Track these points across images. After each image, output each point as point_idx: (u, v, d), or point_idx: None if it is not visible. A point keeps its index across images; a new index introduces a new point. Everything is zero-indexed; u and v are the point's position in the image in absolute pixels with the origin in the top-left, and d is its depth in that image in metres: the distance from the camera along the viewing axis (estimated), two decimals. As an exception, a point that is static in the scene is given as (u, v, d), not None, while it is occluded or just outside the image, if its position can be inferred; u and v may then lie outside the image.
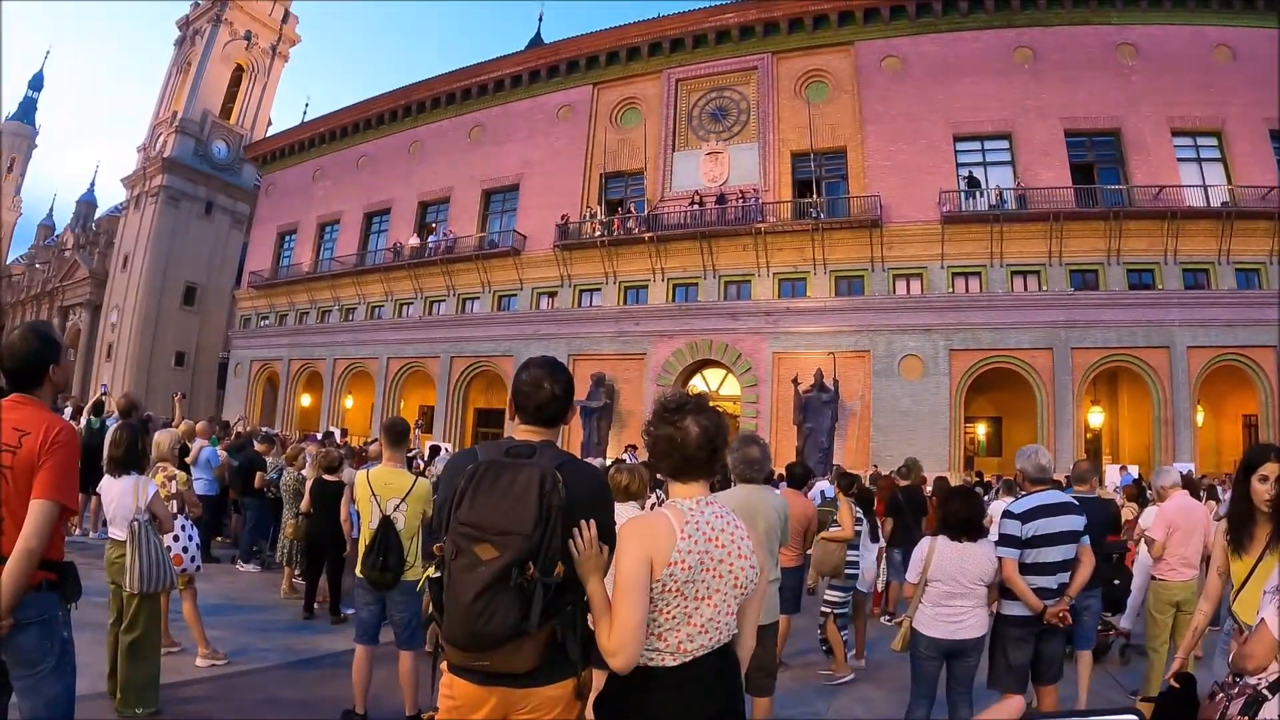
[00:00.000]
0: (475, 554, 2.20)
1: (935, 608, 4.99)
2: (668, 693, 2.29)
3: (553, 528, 2.22)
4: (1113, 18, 27.42)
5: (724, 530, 2.39)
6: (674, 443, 2.43)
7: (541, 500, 2.23)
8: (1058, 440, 24.34)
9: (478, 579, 2.18)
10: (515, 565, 2.17)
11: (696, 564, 2.30)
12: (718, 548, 2.35)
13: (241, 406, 40.35)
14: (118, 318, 51.78)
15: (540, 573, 2.20)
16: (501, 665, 2.26)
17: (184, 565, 6.60)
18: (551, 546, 2.22)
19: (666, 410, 2.48)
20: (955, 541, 4.97)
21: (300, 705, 6.15)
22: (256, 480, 11.66)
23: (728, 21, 30.96)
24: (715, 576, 2.33)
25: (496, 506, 2.25)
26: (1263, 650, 2.67)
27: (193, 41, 54.32)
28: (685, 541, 2.30)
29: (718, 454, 2.48)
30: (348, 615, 8.51)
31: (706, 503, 2.43)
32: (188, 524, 6.80)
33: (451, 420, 33.89)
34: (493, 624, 2.16)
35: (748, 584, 2.39)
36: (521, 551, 2.18)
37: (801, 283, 28.25)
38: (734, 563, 2.36)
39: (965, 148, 27.71)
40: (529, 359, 2.74)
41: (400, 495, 5.51)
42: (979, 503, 5.22)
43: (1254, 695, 2.67)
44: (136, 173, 53.67)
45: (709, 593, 2.32)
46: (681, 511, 2.38)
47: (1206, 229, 24.97)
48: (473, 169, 35.38)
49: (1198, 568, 6.64)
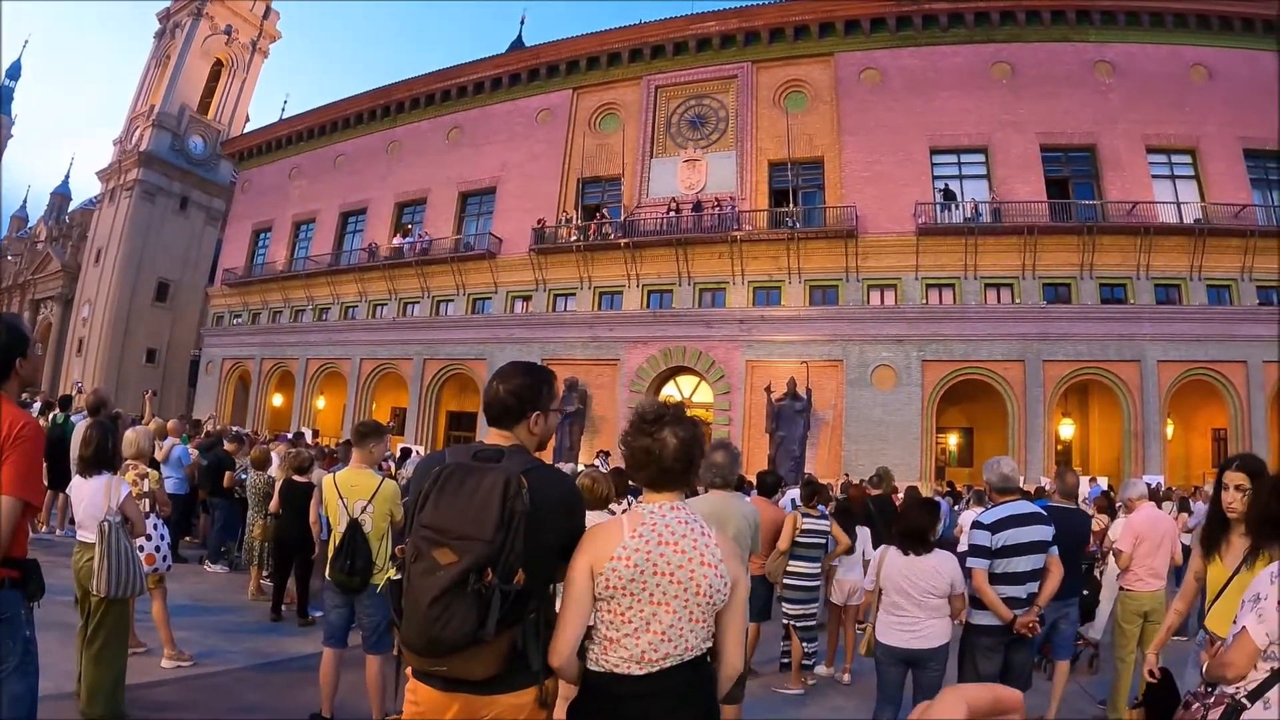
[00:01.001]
0: (434, 558, 2.17)
1: (889, 615, 5.08)
2: (636, 702, 2.26)
3: (514, 534, 2.18)
4: (1091, 35, 27.68)
5: (685, 536, 2.35)
6: (651, 454, 2.42)
7: (504, 506, 2.18)
8: (1028, 452, 24.56)
9: (435, 584, 2.14)
10: (473, 571, 2.13)
11: (643, 562, 2.27)
12: (675, 552, 2.31)
13: (213, 405, 39.90)
14: (89, 312, 51.11)
15: (499, 579, 2.15)
16: (458, 671, 2.21)
17: (155, 565, 6.58)
18: (512, 553, 2.18)
19: (645, 421, 2.46)
20: (904, 554, 5.01)
21: (267, 708, 6.09)
22: (225, 480, 11.56)
23: (709, 29, 30.96)
24: (671, 581, 2.28)
25: (459, 510, 2.21)
26: (1243, 658, 2.70)
27: (172, 34, 53.71)
28: (633, 540, 2.29)
29: (694, 465, 2.49)
30: (315, 618, 8.46)
31: (672, 508, 2.40)
32: (159, 523, 6.78)
33: (424, 423, 33.62)
34: (448, 630, 2.12)
35: (713, 593, 2.32)
36: (480, 557, 2.14)
37: (776, 291, 28.26)
38: (695, 569, 2.30)
39: (942, 160, 27.84)
40: (506, 368, 2.69)
41: (366, 497, 5.49)
42: (933, 517, 5.25)
43: (1233, 704, 2.71)
44: (112, 166, 53.01)
45: (665, 598, 2.27)
46: (639, 514, 2.38)
47: (1179, 245, 25.20)
48: (450, 170, 35.18)
49: (1165, 579, 6.75)
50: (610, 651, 2.29)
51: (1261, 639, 2.69)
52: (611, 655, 2.28)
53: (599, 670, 2.31)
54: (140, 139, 51.59)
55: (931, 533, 5.13)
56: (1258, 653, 2.69)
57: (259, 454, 11.17)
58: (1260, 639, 2.69)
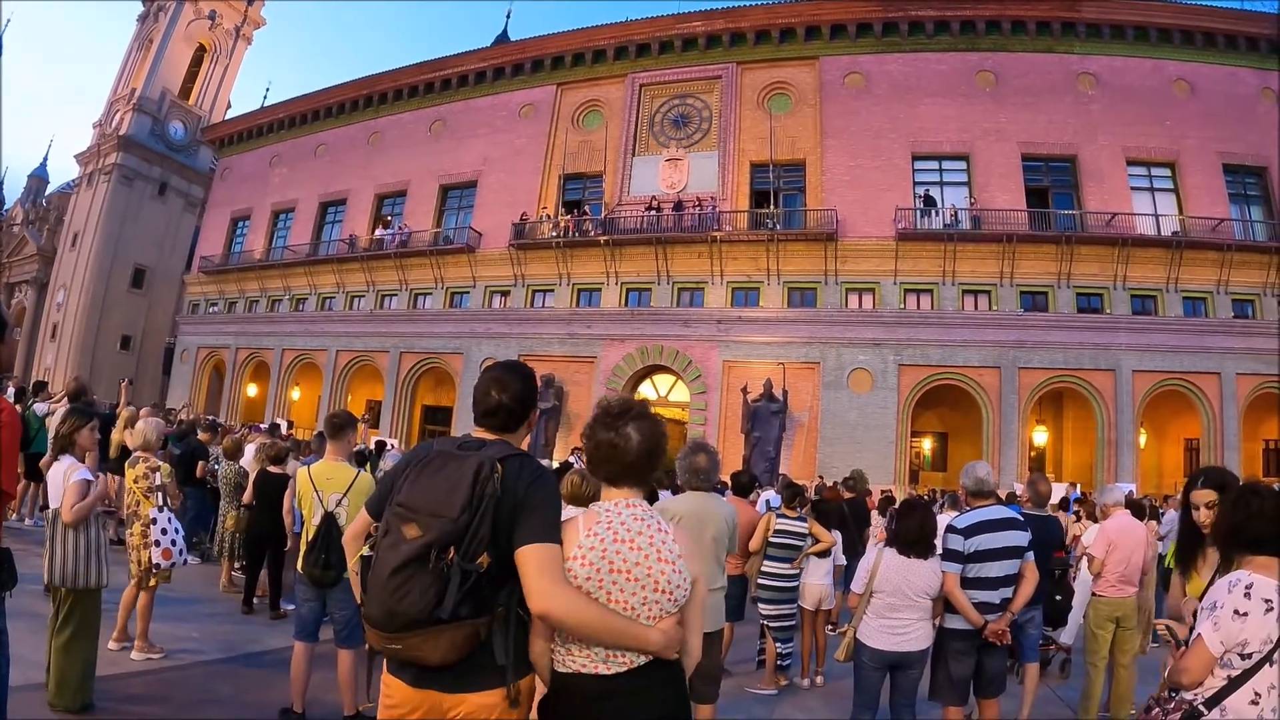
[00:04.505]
0: (402, 532, 2.19)
1: (880, 619, 5.02)
2: (605, 702, 2.25)
3: (481, 515, 2.18)
4: (1075, 47, 27.89)
5: (642, 533, 2.33)
6: (615, 449, 2.40)
7: (474, 487, 2.20)
8: (1002, 458, 24.67)
9: (398, 555, 2.16)
10: (436, 547, 2.14)
11: (600, 560, 2.26)
12: (631, 549, 2.29)
13: (187, 394, 39.34)
14: (64, 297, 50.70)
15: (460, 558, 2.15)
16: (414, 650, 2.17)
17: (174, 559, 6.52)
18: (478, 535, 2.17)
19: (609, 415, 2.45)
20: (903, 556, 4.99)
21: (238, 702, 5.99)
22: (198, 470, 11.37)
23: (695, 29, 30.96)
24: (629, 579, 2.27)
25: (431, 489, 2.25)
26: (1198, 665, 2.77)
27: (156, 18, 53.30)
28: (589, 539, 2.28)
29: (655, 462, 2.46)
30: (287, 611, 8.31)
31: (628, 504, 2.38)
32: (172, 516, 6.65)
33: (399, 416, 33.44)
34: (405, 602, 2.12)
35: (673, 589, 2.30)
36: (445, 534, 2.15)
37: (755, 292, 28.27)
38: (653, 566, 2.29)
39: (923, 166, 27.95)
40: (495, 363, 2.70)
41: (342, 490, 5.43)
42: (932, 521, 5.22)
43: (1190, 710, 2.79)
44: (91, 149, 52.59)
45: (624, 596, 2.26)
46: (594, 513, 2.37)
47: (1156, 257, 25.44)
48: (431, 163, 35.02)
49: (1137, 585, 6.76)
50: (576, 652, 2.27)
51: (1216, 647, 2.74)
52: (578, 655, 2.27)
53: (566, 671, 2.29)
54: (120, 123, 51.19)
55: (934, 536, 5.12)
56: (1213, 660, 2.75)
57: (231, 444, 11.05)
58: (1215, 647, 2.74)
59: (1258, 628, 2.71)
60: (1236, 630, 2.72)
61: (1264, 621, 2.71)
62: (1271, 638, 2.71)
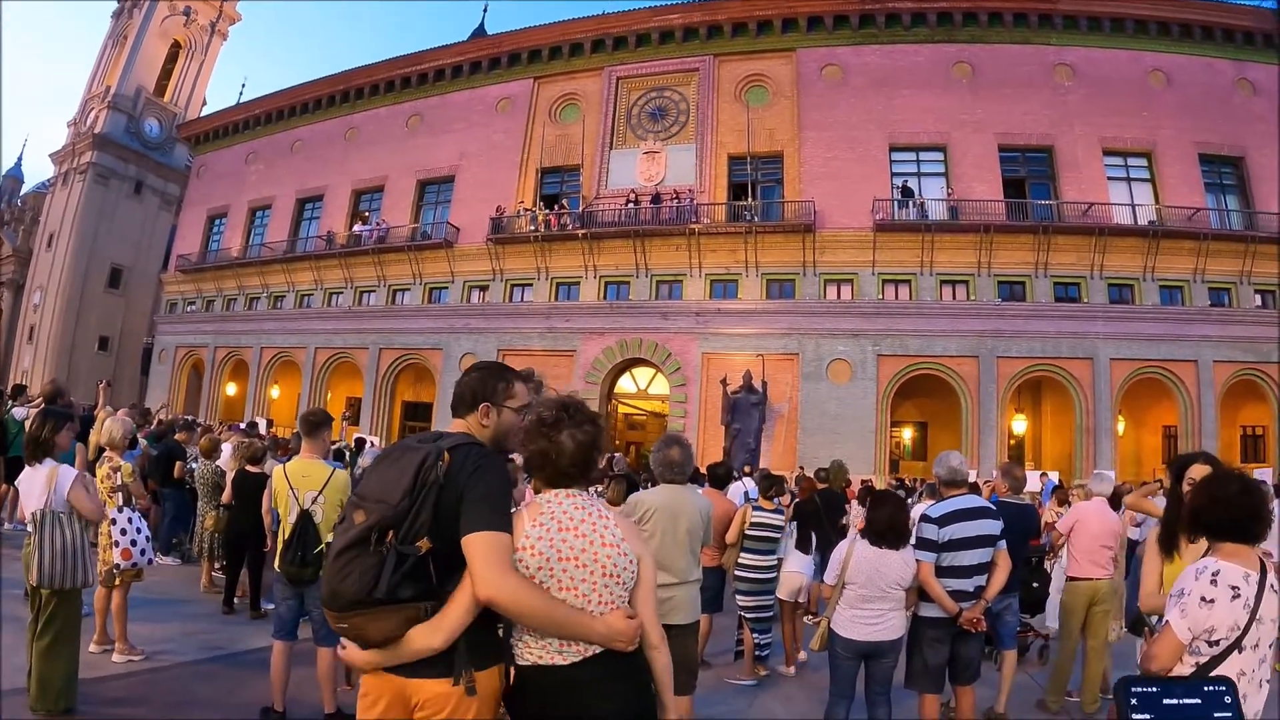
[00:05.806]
0: (352, 519, 2.26)
1: (852, 610, 5.08)
2: (567, 692, 2.30)
3: (421, 501, 2.23)
4: (1052, 38, 28.00)
5: (584, 520, 2.39)
6: (548, 457, 2.45)
7: (417, 474, 2.25)
8: (982, 446, 24.75)
9: (345, 539, 2.24)
10: (376, 530, 2.19)
11: (548, 549, 2.32)
12: (576, 536, 2.35)
13: (165, 394, 38.98)
14: (41, 299, 50.18)
15: (400, 542, 2.20)
16: (358, 629, 2.23)
17: (133, 559, 6.51)
18: (418, 520, 2.22)
19: (543, 424, 2.48)
20: (875, 547, 5.02)
21: (219, 702, 6.05)
22: (176, 470, 11.34)
23: (671, 22, 30.87)
24: (577, 566, 2.33)
25: (384, 478, 2.32)
26: (1166, 652, 2.81)
27: (130, 14, 52.77)
28: (535, 529, 2.34)
29: (592, 465, 2.51)
30: (268, 611, 8.35)
31: (568, 494, 2.45)
32: (135, 516, 6.66)
33: (379, 413, 33.22)
34: (346, 583, 2.18)
35: (620, 572, 2.37)
36: (384, 518, 2.20)
37: (733, 284, 28.22)
38: (598, 551, 2.35)
39: (901, 158, 28.02)
40: (474, 364, 2.79)
41: (317, 488, 5.47)
42: (904, 511, 5.25)
43: None
44: (66, 148, 52.06)
45: (574, 583, 2.32)
46: (537, 504, 2.42)
47: (1133, 246, 25.55)
48: (409, 158, 34.79)
49: (1110, 568, 6.83)
50: (533, 643, 2.33)
51: (1184, 634, 2.78)
52: (534, 647, 2.32)
53: (526, 664, 2.34)
54: (95, 121, 50.70)
55: (905, 527, 5.14)
56: (1181, 647, 2.79)
57: (207, 443, 11.07)
58: (1183, 634, 2.78)
59: (1225, 615, 2.75)
60: (1204, 617, 2.75)
61: (1231, 609, 2.75)
62: (1239, 624, 2.75)
